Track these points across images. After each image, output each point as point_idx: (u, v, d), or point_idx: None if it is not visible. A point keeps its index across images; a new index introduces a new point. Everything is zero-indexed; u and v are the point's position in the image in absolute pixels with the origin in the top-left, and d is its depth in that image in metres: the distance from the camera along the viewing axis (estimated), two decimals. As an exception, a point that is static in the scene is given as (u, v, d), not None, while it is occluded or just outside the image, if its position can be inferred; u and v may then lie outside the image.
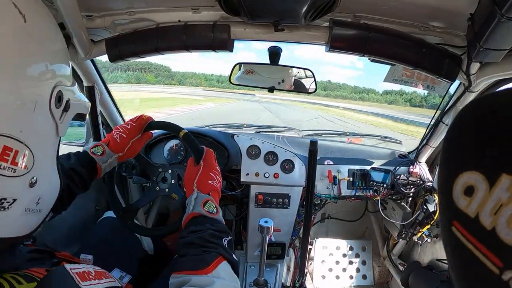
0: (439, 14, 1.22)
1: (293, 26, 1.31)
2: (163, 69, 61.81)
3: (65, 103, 0.61)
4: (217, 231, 0.89)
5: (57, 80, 0.59)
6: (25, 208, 0.56)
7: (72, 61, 1.51)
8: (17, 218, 0.56)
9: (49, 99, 0.57)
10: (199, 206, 0.96)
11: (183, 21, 1.37)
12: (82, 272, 0.65)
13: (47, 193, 0.63)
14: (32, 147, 0.54)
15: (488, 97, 0.28)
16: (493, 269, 0.23)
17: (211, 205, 0.98)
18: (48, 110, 0.57)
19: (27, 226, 0.60)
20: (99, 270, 0.73)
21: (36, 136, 0.56)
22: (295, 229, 2.00)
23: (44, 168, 0.60)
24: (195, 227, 0.90)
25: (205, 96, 29.85)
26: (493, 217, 0.23)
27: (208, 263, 0.78)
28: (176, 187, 1.32)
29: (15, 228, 0.57)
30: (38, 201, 0.59)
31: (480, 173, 0.25)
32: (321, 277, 2.43)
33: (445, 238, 0.30)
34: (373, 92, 69.85)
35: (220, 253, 0.83)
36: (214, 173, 1.11)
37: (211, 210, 0.97)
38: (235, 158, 1.86)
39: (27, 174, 0.54)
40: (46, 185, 0.61)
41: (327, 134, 2.39)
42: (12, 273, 0.56)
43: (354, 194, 1.91)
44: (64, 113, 0.62)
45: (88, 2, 1.26)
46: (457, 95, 1.54)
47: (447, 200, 0.28)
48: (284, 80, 1.54)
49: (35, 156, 0.55)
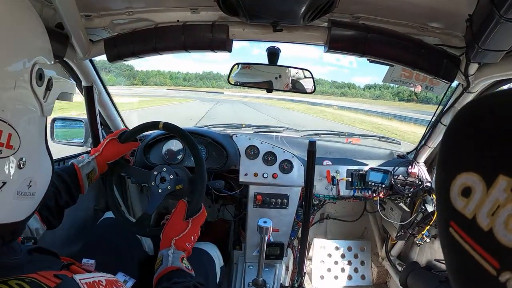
0: (437, 15, 1.23)
1: (292, 26, 1.31)
2: (124, 68, 60.54)
3: (47, 81, 0.60)
4: (198, 284, 0.96)
5: (36, 58, 0.58)
6: (17, 191, 0.56)
7: (70, 61, 1.50)
8: (10, 202, 0.55)
9: (29, 76, 0.56)
10: (178, 261, 1.02)
11: (181, 21, 1.37)
12: (92, 283, 0.64)
13: (39, 176, 0.62)
14: (16, 126, 0.53)
15: (486, 98, 0.28)
16: (490, 270, 0.23)
17: (187, 262, 1.05)
18: (30, 88, 0.56)
19: (21, 210, 0.59)
20: (110, 278, 0.73)
21: (20, 115, 0.55)
22: (293, 229, 2.00)
23: (32, 149, 0.59)
24: (178, 279, 0.96)
25: (165, 97, 29.31)
26: (490, 218, 0.23)
27: None
28: (176, 180, 1.34)
29: (8, 213, 0.56)
30: (30, 184, 0.58)
31: (478, 174, 0.25)
32: (320, 277, 2.43)
33: (442, 239, 0.30)
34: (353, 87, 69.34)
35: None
36: (195, 237, 1.16)
37: (188, 266, 1.03)
38: (234, 158, 1.85)
39: (14, 155, 0.53)
40: (36, 166, 0.60)
41: (326, 135, 2.39)
42: (18, 278, 0.54)
43: (353, 195, 1.92)
44: (48, 91, 0.61)
45: (86, 2, 1.26)
46: (455, 96, 1.55)
47: (444, 201, 0.28)
48: (282, 78, 1.54)
49: (20, 136, 0.54)
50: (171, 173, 1.33)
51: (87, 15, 1.35)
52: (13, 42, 0.54)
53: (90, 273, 0.68)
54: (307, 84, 1.54)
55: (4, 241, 0.60)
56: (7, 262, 0.59)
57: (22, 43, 0.56)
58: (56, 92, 0.64)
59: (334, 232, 2.55)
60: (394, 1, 1.17)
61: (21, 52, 0.55)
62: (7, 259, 0.59)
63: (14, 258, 0.61)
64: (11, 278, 0.53)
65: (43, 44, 0.62)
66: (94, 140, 1.79)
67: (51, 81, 0.62)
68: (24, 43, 0.56)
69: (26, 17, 0.58)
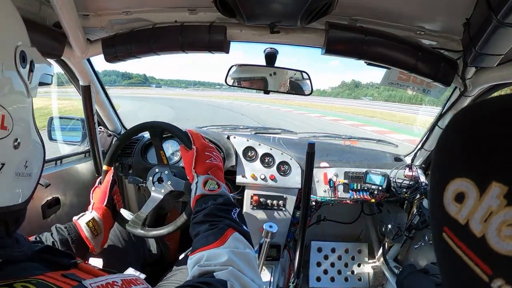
0: (435, 18, 1.23)
1: (289, 28, 1.31)
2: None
3: (29, 63, 0.63)
4: (221, 205, 0.92)
5: (18, 41, 0.60)
6: (15, 172, 0.58)
7: (68, 60, 1.50)
8: (10, 184, 0.57)
9: (13, 59, 0.58)
10: (200, 188, 1.00)
11: (179, 21, 1.37)
12: (105, 285, 0.60)
13: (33, 155, 0.64)
14: (8, 107, 0.55)
15: (480, 104, 0.28)
16: (482, 277, 0.23)
17: (211, 183, 1.02)
18: (15, 70, 0.59)
19: (22, 192, 0.61)
20: (127, 277, 0.67)
21: (10, 97, 0.57)
22: (290, 231, 2.00)
23: (24, 129, 0.61)
24: (199, 207, 0.93)
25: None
26: (483, 224, 0.23)
27: (218, 236, 0.80)
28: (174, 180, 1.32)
29: (10, 195, 0.58)
30: (26, 164, 0.61)
31: (471, 180, 0.25)
32: (316, 279, 2.43)
33: (436, 244, 0.30)
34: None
35: (228, 225, 0.84)
36: (209, 151, 1.13)
37: (212, 187, 1.00)
38: (231, 159, 1.85)
39: (9, 135, 0.55)
40: (30, 146, 0.63)
41: (324, 137, 2.40)
42: (24, 280, 0.53)
43: (350, 197, 1.92)
44: (31, 73, 0.64)
45: (84, 1, 1.26)
46: (452, 100, 1.55)
47: (438, 206, 0.28)
48: (277, 75, 1.53)
49: (13, 117, 0.56)
50: (169, 173, 1.33)
51: (85, 14, 1.35)
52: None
53: (103, 277, 0.63)
54: (304, 86, 1.54)
55: (8, 230, 0.61)
56: (12, 255, 0.59)
57: (3, 29, 0.58)
58: (38, 73, 0.67)
59: (331, 234, 2.55)
60: (391, 4, 1.17)
61: (3, 36, 0.58)
62: (12, 251, 0.59)
63: (19, 250, 0.61)
64: (17, 281, 0.53)
65: (21, 27, 0.64)
66: (91, 139, 1.78)
67: (33, 62, 0.64)
68: (5, 29, 0.59)
69: (2, 5, 0.60)
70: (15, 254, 0.60)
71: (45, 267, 0.62)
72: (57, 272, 0.61)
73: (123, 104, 15.50)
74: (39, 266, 0.62)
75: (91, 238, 1.16)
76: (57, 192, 1.65)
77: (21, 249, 0.62)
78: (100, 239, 1.21)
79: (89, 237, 1.16)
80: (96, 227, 1.19)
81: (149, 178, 1.34)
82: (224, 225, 0.84)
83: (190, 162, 1.10)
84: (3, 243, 0.59)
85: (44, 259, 0.67)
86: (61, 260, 0.71)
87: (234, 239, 0.80)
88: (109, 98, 1.93)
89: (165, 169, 1.33)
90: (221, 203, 0.93)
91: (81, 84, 1.65)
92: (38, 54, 0.67)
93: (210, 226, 0.84)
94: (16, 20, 0.62)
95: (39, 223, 1.50)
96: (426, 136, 1.83)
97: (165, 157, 1.34)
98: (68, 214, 1.67)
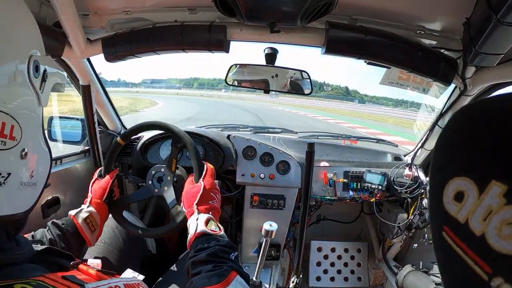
0: (435, 18, 1.23)
1: (289, 27, 1.31)
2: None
3: (42, 73, 0.63)
4: (225, 247, 0.91)
5: (31, 51, 0.60)
6: (21, 182, 0.57)
7: (68, 60, 1.50)
8: (15, 193, 0.56)
9: (27, 69, 0.58)
10: (202, 225, 0.98)
11: (179, 21, 1.37)
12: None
13: (39, 165, 0.63)
14: (18, 118, 0.55)
15: (480, 103, 0.28)
16: (482, 275, 0.23)
17: (213, 224, 1.01)
18: (28, 80, 0.58)
19: (26, 201, 0.60)
20: (130, 282, 0.69)
21: (20, 107, 0.56)
22: (290, 230, 2.00)
23: (32, 139, 0.60)
24: (203, 245, 0.92)
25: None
26: (483, 223, 0.23)
27: (222, 278, 0.79)
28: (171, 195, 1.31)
29: (14, 204, 0.57)
30: (32, 174, 0.60)
31: (470, 179, 0.25)
32: (316, 278, 2.43)
33: (435, 243, 0.30)
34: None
35: (232, 267, 0.84)
36: (214, 192, 1.13)
37: (214, 228, 0.99)
38: (231, 159, 1.85)
39: (17, 146, 0.55)
40: (37, 156, 0.62)
41: (323, 136, 2.40)
42: (24, 282, 0.53)
43: (350, 196, 1.92)
44: (43, 82, 0.63)
45: (84, 1, 1.26)
46: (452, 99, 1.55)
47: (437, 205, 0.28)
48: (278, 77, 1.53)
49: (22, 127, 0.56)
50: (170, 180, 1.32)
51: (85, 14, 1.35)
52: (12, 39, 0.56)
53: (106, 280, 0.65)
54: (304, 85, 1.54)
55: (9, 236, 0.61)
56: (11, 258, 0.59)
57: (19, 39, 0.58)
58: (51, 83, 0.66)
59: (330, 234, 2.55)
60: (391, 3, 1.17)
61: (18, 47, 0.57)
62: (11, 254, 0.59)
63: (20, 253, 0.61)
64: (17, 282, 0.53)
65: (37, 37, 0.63)
66: (91, 139, 1.78)
67: (46, 72, 0.64)
68: (20, 39, 0.58)
69: (20, 14, 0.59)
70: (15, 257, 0.60)
71: (46, 269, 0.62)
72: (57, 273, 0.60)
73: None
74: (40, 267, 0.63)
75: (88, 233, 1.17)
76: (57, 192, 1.65)
77: (21, 251, 0.62)
78: (96, 233, 1.21)
79: (87, 233, 1.16)
80: (94, 223, 1.19)
81: (148, 178, 1.33)
82: (228, 267, 0.83)
83: (193, 196, 1.08)
84: (4, 247, 0.59)
85: (45, 260, 0.67)
86: (61, 261, 0.72)
87: (237, 282, 0.80)
88: (109, 98, 1.93)
89: (169, 174, 1.32)
90: (224, 245, 0.92)
91: (81, 84, 1.65)
92: (52, 62, 0.67)
93: (214, 268, 0.83)
94: (33, 28, 0.62)
95: (39, 223, 1.50)
96: (426, 136, 1.83)
97: (175, 165, 1.33)
98: (68, 213, 1.67)
